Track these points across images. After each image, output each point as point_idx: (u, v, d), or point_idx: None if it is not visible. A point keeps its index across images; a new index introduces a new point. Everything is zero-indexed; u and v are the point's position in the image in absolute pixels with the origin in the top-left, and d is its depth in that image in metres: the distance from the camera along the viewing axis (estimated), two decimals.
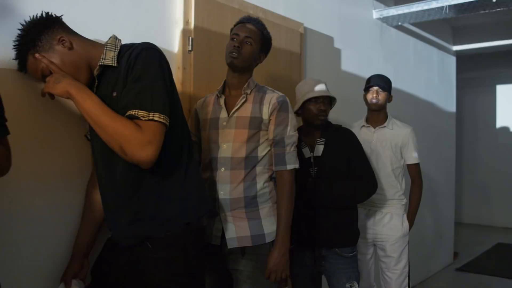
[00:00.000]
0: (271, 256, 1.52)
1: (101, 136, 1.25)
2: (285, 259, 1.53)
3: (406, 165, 2.33)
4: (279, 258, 1.52)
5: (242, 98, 1.58)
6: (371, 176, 1.95)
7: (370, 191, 1.95)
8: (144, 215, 1.31)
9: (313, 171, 1.89)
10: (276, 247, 1.52)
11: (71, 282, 1.40)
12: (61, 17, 1.35)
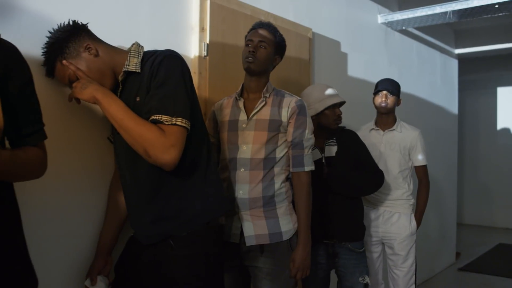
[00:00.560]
0: (297, 255, 1.58)
1: (126, 139, 1.31)
2: (309, 258, 1.61)
3: (413, 167, 2.40)
4: (304, 256, 1.58)
5: (261, 101, 1.65)
6: (378, 170, 2.06)
7: (378, 182, 2.05)
8: (166, 214, 1.38)
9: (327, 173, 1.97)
10: (300, 247, 1.59)
11: (97, 278, 1.46)
12: (87, 25, 1.42)
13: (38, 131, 1.14)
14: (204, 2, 1.90)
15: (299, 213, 1.62)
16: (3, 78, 1.03)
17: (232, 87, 1.91)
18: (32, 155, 1.12)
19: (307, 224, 1.62)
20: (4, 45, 1.08)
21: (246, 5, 2.13)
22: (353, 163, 2.01)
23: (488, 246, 5.35)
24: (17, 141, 1.09)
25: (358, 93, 2.98)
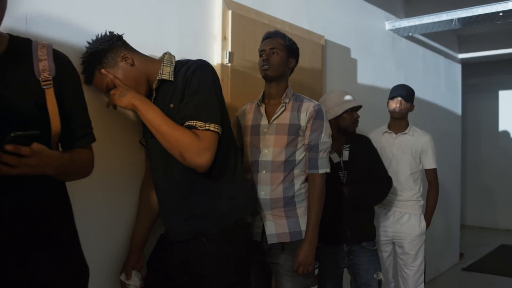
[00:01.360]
0: (301, 251, 1.66)
1: (162, 144, 1.41)
2: (313, 255, 1.68)
3: (424, 170, 2.50)
4: (307, 253, 1.66)
5: (281, 106, 1.74)
6: (387, 176, 2.18)
7: (387, 190, 2.18)
8: (199, 213, 1.47)
9: (343, 174, 2.06)
10: (306, 243, 1.67)
11: (131, 273, 1.56)
12: (122, 36, 1.52)
13: (88, 134, 1.25)
14: (226, 12, 2.01)
15: (310, 212, 1.69)
16: (59, 86, 1.13)
17: (252, 93, 2.02)
18: (85, 156, 1.23)
19: (315, 224, 1.69)
20: (58, 55, 1.18)
21: (263, 15, 2.23)
22: (366, 166, 2.12)
23: (491, 247, 5.45)
24: (69, 144, 1.19)
25: (367, 97, 3.08)
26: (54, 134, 1.13)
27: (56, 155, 1.07)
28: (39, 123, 1.10)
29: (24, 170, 0.96)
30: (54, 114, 1.12)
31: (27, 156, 0.95)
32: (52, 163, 1.04)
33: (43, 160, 1.00)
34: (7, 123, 1.02)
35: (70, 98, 1.17)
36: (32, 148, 0.96)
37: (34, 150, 0.97)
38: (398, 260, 2.48)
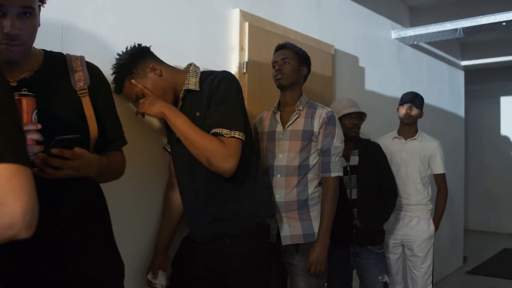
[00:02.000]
0: (313, 251, 1.73)
1: (189, 150, 1.50)
2: (324, 255, 1.75)
3: (432, 175, 2.59)
4: (319, 253, 1.73)
5: (295, 114, 1.83)
6: (394, 187, 2.29)
7: (394, 201, 2.28)
8: (223, 215, 1.56)
9: (348, 179, 2.16)
10: (317, 244, 1.74)
11: (158, 273, 1.64)
12: (150, 48, 1.61)
13: (120, 138, 1.34)
14: (243, 24, 2.10)
15: (323, 214, 1.76)
16: (93, 94, 1.22)
17: (267, 100, 2.11)
18: (119, 159, 1.33)
19: (328, 226, 1.75)
20: (90, 66, 1.28)
21: (278, 26, 2.33)
22: (374, 173, 2.21)
23: (494, 251, 5.53)
24: (103, 147, 1.28)
25: (375, 103, 3.18)
26: (93, 139, 1.23)
27: (96, 158, 1.17)
28: (80, 130, 1.19)
29: (68, 172, 1.05)
30: (92, 121, 1.21)
31: (71, 159, 1.04)
32: (94, 165, 1.14)
33: (85, 163, 1.09)
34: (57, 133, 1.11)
35: (103, 105, 1.26)
36: (75, 151, 1.05)
37: (77, 153, 1.06)
38: (407, 262, 2.56)
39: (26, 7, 1.05)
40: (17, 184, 0.75)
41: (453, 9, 3.75)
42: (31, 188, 0.77)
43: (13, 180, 0.75)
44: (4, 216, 0.74)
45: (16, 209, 0.74)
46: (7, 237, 0.75)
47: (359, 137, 2.29)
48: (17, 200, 0.74)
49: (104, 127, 1.25)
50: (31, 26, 1.09)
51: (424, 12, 3.84)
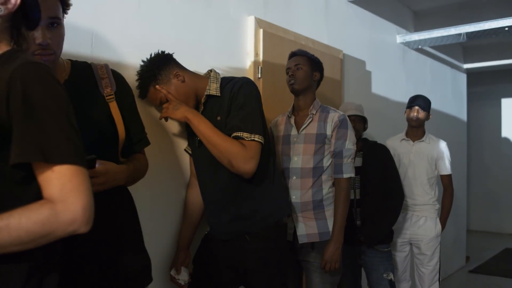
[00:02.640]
0: (328, 249, 1.81)
1: (212, 152, 1.58)
2: (338, 253, 1.83)
3: (439, 175, 2.67)
4: (333, 251, 1.81)
5: (309, 118, 1.91)
6: (400, 189, 2.34)
7: (399, 207, 2.34)
8: (243, 214, 1.64)
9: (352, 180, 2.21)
10: (332, 242, 1.82)
11: (181, 268, 1.72)
12: (173, 55, 1.69)
13: (143, 138, 1.42)
14: (258, 31, 2.19)
15: (336, 213, 1.84)
16: (119, 98, 1.31)
17: (281, 103, 2.20)
18: (143, 163, 1.41)
19: (341, 225, 1.84)
20: (115, 73, 1.37)
21: (290, 32, 2.41)
22: (379, 174, 2.28)
23: (495, 250, 5.62)
24: (128, 148, 1.36)
25: (381, 106, 3.27)
26: (121, 141, 1.31)
27: (123, 169, 1.26)
28: (110, 134, 1.28)
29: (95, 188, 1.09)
30: (119, 123, 1.30)
31: (94, 177, 1.12)
32: (120, 177, 1.24)
33: (110, 177, 1.18)
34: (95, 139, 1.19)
35: (128, 108, 1.34)
36: (96, 170, 1.14)
37: (99, 171, 1.15)
38: (414, 260, 2.65)
39: (53, 17, 1.13)
40: (77, 184, 0.84)
41: (456, 14, 3.84)
42: (88, 187, 0.86)
43: (74, 180, 0.84)
44: (66, 213, 0.82)
45: (77, 206, 0.83)
46: (68, 232, 0.84)
47: (365, 139, 2.37)
48: (77, 198, 0.83)
49: (129, 129, 1.33)
50: (59, 35, 1.17)
51: (428, 17, 3.93)
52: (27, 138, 0.80)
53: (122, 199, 1.30)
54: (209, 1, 1.98)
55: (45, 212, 0.81)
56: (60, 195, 0.82)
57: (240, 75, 2.10)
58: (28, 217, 0.80)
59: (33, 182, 0.85)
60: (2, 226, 0.78)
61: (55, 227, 0.82)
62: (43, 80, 0.84)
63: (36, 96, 0.82)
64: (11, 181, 0.84)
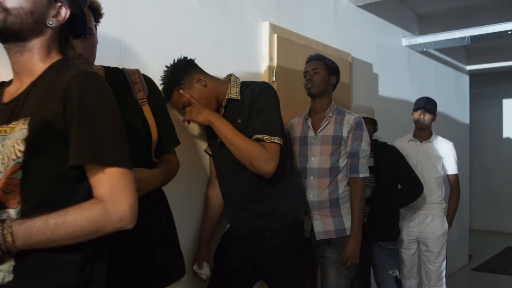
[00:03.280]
0: (348, 246, 1.91)
1: (234, 153, 1.66)
2: (358, 249, 1.92)
3: (446, 175, 2.76)
4: (354, 247, 1.91)
5: (325, 120, 1.99)
6: (417, 182, 2.41)
7: (415, 195, 2.41)
8: (262, 212, 1.72)
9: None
10: (352, 239, 1.91)
11: (203, 264, 1.81)
12: (195, 60, 1.77)
13: (174, 138, 1.50)
14: (272, 36, 2.27)
15: (353, 212, 1.94)
16: (151, 101, 1.39)
17: (294, 105, 2.29)
18: (174, 164, 1.49)
19: (359, 222, 1.93)
20: (146, 77, 1.46)
21: (302, 37, 2.50)
22: (390, 174, 2.37)
23: (497, 249, 5.71)
24: (159, 148, 1.44)
25: (387, 108, 3.35)
26: (154, 142, 1.40)
27: (157, 173, 1.34)
28: (144, 136, 1.37)
29: None
30: (152, 125, 1.38)
31: None
32: (155, 182, 1.32)
33: (143, 184, 1.26)
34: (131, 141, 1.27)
35: (159, 110, 1.42)
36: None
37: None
38: (422, 257, 2.73)
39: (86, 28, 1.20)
40: (125, 185, 0.93)
41: (460, 17, 3.92)
42: (134, 188, 0.95)
43: (122, 181, 0.92)
44: (116, 212, 0.91)
45: (125, 205, 0.92)
46: (117, 228, 0.93)
47: (375, 140, 2.47)
48: (125, 198, 0.92)
49: (160, 130, 1.41)
50: (91, 45, 1.25)
51: (432, 20, 4.02)
52: (83, 142, 0.89)
53: (157, 199, 1.39)
54: (227, 8, 2.07)
55: (97, 210, 0.89)
56: (110, 195, 0.91)
57: (255, 78, 2.20)
58: (83, 215, 0.88)
59: (84, 182, 0.94)
60: (59, 222, 0.87)
61: (106, 224, 0.90)
62: (96, 89, 0.93)
63: (91, 104, 0.90)
64: (66, 181, 0.92)
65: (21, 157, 0.89)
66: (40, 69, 0.96)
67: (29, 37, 0.95)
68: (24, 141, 0.89)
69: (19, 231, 0.84)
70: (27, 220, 0.86)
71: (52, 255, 0.90)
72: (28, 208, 0.89)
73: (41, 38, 0.97)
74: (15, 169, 0.89)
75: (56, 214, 0.87)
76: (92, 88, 0.92)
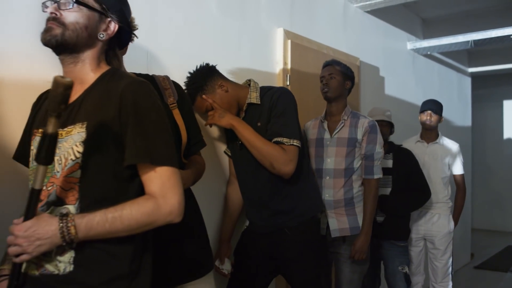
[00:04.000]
0: (358, 241, 2.00)
1: (255, 155, 1.74)
2: (367, 245, 2.02)
3: (452, 175, 2.85)
4: (363, 243, 2.00)
5: (341, 123, 2.09)
6: (426, 188, 2.50)
7: (423, 200, 2.51)
8: (282, 210, 1.81)
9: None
10: (362, 235, 2.01)
11: (224, 259, 1.90)
12: (216, 66, 1.86)
13: (201, 140, 1.59)
14: (286, 42, 2.37)
15: (365, 210, 2.03)
16: (180, 106, 1.48)
17: (307, 107, 2.38)
18: (202, 163, 1.59)
19: (370, 219, 2.03)
20: (175, 83, 1.55)
21: (313, 42, 2.60)
22: (404, 176, 2.46)
23: (499, 248, 5.82)
24: (187, 149, 1.53)
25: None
26: (184, 144, 1.49)
27: (189, 174, 1.43)
28: (175, 138, 1.46)
29: None
30: (182, 128, 1.48)
31: None
32: (188, 182, 1.41)
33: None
34: None
35: (187, 114, 1.51)
36: None
37: None
38: (428, 254, 2.83)
39: None
40: (174, 182, 1.02)
41: (463, 21, 4.03)
42: (181, 185, 1.04)
43: (171, 179, 1.02)
44: (166, 206, 1.00)
45: (174, 201, 1.01)
46: (167, 222, 1.02)
47: (391, 143, 2.56)
48: (174, 194, 1.02)
49: (188, 132, 1.50)
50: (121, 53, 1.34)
51: (436, 24, 4.12)
52: (138, 144, 0.98)
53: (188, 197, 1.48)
54: (244, 15, 2.16)
55: (150, 205, 0.99)
56: (161, 191, 1.00)
57: (270, 82, 2.29)
58: (137, 209, 0.98)
59: (134, 180, 1.03)
60: (116, 216, 0.96)
61: (157, 217, 1.00)
62: (148, 96, 1.02)
63: (144, 109, 1.00)
64: (120, 179, 1.01)
65: (79, 158, 0.98)
66: (92, 78, 1.06)
67: (83, 49, 1.04)
68: (83, 143, 0.98)
69: (81, 224, 0.93)
70: (88, 214, 0.95)
71: (107, 247, 0.99)
72: (85, 204, 0.98)
73: (92, 50, 1.06)
74: (74, 169, 0.98)
75: (114, 209, 0.96)
76: (145, 95, 1.01)
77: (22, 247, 0.92)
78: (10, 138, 1.28)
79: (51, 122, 0.86)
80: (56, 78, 0.83)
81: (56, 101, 0.83)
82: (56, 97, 0.83)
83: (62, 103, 0.84)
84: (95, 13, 1.04)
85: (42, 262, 0.98)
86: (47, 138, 0.88)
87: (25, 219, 0.93)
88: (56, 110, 0.85)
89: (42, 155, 0.89)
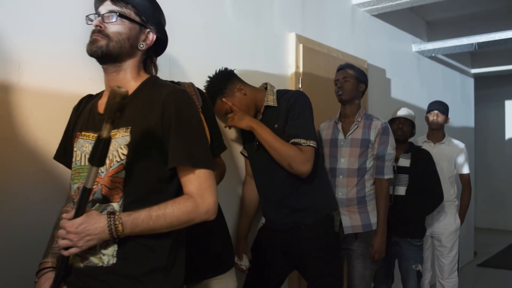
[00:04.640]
0: (375, 241, 2.08)
1: (273, 156, 1.82)
2: (384, 244, 2.10)
3: (458, 174, 2.93)
4: (381, 243, 2.09)
5: (354, 124, 2.16)
6: (439, 191, 2.56)
7: (436, 204, 2.57)
8: (298, 208, 1.89)
9: (394, 177, 2.45)
10: (378, 236, 2.09)
11: (242, 256, 1.98)
12: (234, 70, 1.94)
13: (222, 144, 1.67)
14: (298, 46, 2.45)
15: (379, 210, 2.11)
16: (204, 111, 1.56)
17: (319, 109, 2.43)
18: (223, 166, 1.67)
19: (384, 219, 2.11)
20: (199, 90, 1.63)
21: (323, 45, 2.68)
22: (421, 176, 2.51)
23: (501, 246, 5.90)
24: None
25: None
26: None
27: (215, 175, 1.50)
28: None
29: None
30: (206, 133, 1.55)
31: None
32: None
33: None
34: None
35: (209, 118, 1.59)
36: None
37: None
38: (435, 251, 2.91)
39: None
40: (210, 183, 1.11)
41: (467, 24, 4.11)
42: (216, 186, 1.13)
43: (208, 180, 1.11)
44: (204, 205, 1.09)
45: (210, 200, 1.10)
46: (203, 219, 1.11)
47: (411, 143, 2.64)
48: (210, 194, 1.10)
49: (212, 136, 1.59)
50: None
51: (440, 26, 4.20)
52: (180, 148, 1.07)
53: None
54: (258, 21, 2.25)
55: (189, 204, 1.07)
56: (199, 191, 1.08)
57: (283, 85, 2.38)
58: (178, 208, 1.06)
59: (173, 181, 1.11)
60: (160, 214, 1.04)
61: (196, 216, 1.08)
62: (189, 104, 1.11)
63: (185, 116, 1.08)
64: (160, 180, 1.10)
65: (124, 159, 1.06)
66: (133, 86, 1.14)
67: (125, 59, 1.13)
68: (127, 146, 1.06)
69: (127, 221, 1.01)
70: (134, 212, 1.03)
71: (147, 241, 1.07)
72: (128, 202, 1.06)
73: (133, 60, 1.14)
74: (119, 169, 1.06)
75: (157, 207, 1.04)
76: (185, 103, 1.09)
77: (72, 242, 1.00)
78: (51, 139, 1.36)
79: (106, 127, 0.95)
80: (113, 89, 0.92)
81: (113, 109, 0.91)
82: (113, 105, 0.91)
83: (117, 111, 0.92)
84: (136, 25, 1.13)
85: (87, 255, 1.06)
86: (101, 142, 0.96)
87: (75, 215, 1.01)
88: (112, 117, 0.93)
89: (96, 157, 0.97)
